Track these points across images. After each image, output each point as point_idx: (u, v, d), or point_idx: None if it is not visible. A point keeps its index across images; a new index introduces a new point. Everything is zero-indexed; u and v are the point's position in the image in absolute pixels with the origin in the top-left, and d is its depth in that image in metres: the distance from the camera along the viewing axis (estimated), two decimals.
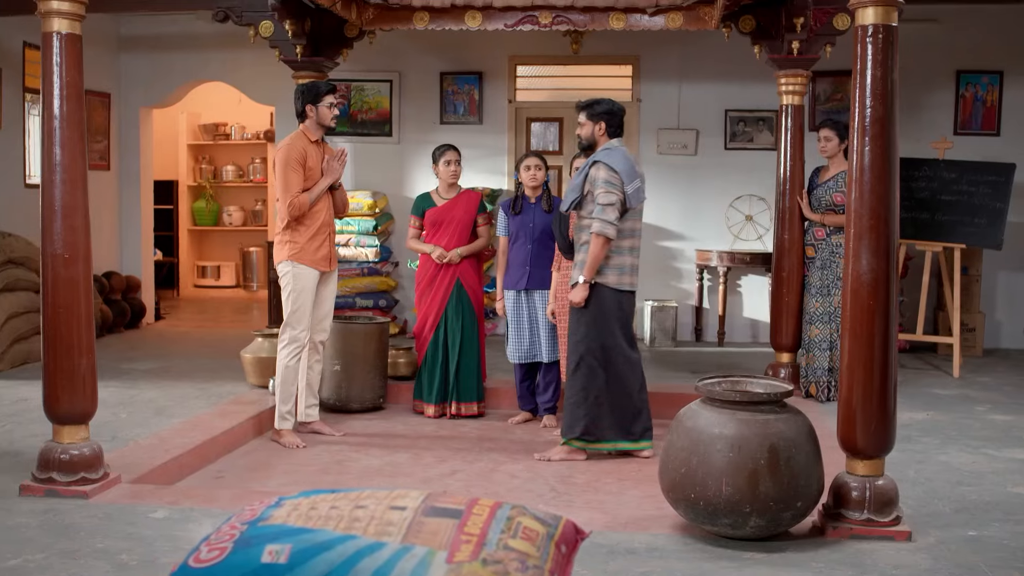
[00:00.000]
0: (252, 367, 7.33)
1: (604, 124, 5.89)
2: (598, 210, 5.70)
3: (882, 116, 4.19)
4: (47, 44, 4.62)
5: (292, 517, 1.92)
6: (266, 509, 2.01)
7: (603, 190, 5.70)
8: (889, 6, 4.17)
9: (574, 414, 5.90)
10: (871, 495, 4.25)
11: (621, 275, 5.86)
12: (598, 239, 5.70)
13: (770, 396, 4.19)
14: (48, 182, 4.65)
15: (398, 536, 1.84)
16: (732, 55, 9.60)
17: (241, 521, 1.97)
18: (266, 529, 1.90)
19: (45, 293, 4.70)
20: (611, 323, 5.87)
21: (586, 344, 5.84)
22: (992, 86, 9.54)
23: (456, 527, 1.88)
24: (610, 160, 5.75)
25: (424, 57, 10.16)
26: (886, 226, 4.21)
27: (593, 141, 5.94)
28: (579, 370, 5.87)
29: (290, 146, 6.24)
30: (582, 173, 5.88)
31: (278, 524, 1.91)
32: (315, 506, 1.96)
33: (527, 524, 1.97)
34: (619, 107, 5.97)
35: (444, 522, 1.89)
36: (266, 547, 1.84)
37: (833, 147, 7.16)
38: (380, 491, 2.05)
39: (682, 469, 4.18)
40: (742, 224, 9.95)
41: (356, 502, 1.96)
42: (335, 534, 1.84)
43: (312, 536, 1.84)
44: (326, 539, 1.83)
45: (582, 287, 5.79)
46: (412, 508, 1.92)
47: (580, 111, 5.97)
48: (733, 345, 9.81)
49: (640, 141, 10.00)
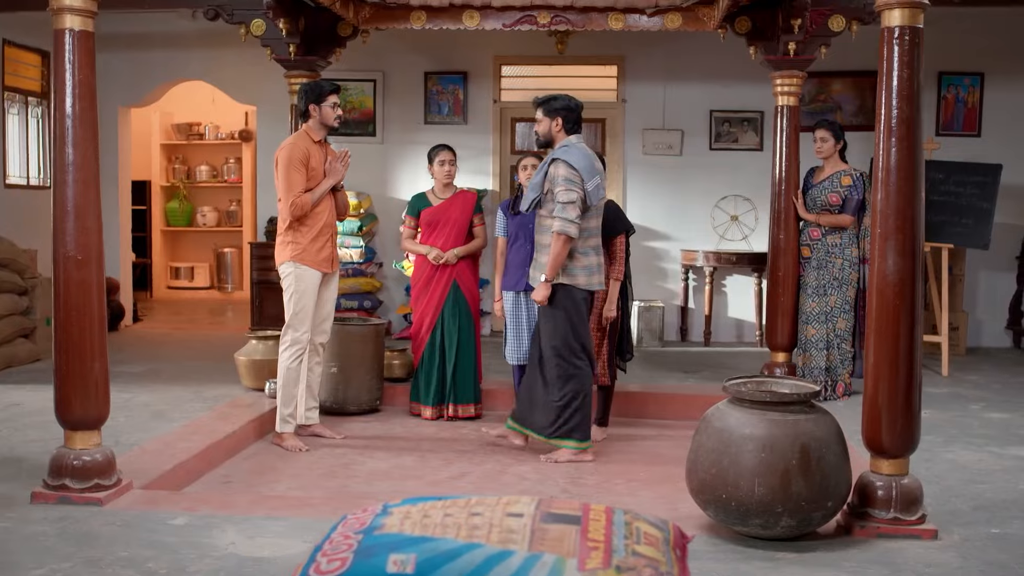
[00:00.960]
0: (247, 369, 7.24)
1: (561, 120, 5.87)
2: (558, 208, 5.68)
3: (908, 117, 4.23)
4: (59, 42, 4.53)
5: (407, 525, 1.88)
6: (375, 517, 1.96)
7: (563, 188, 5.68)
8: (915, 8, 4.22)
9: (569, 415, 5.88)
10: (897, 494, 4.27)
11: (590, 275, 5.87)
12: (560, 238, 5.68)
13: (800, 396, 4.20)
14: (60, 182, 4.55)
15: (523, 544, 1.80)
16: (717, 56, 9.63)
17: (353, 530, 1.93)
18: (384, 538, 1.85)
19: (57, 295, 4.59)
20: (586, 323, 5.93)
21: (569, 345, 5.83)
22: (973, 88, 9.67)
23: (579, 533, 1.85)
24: (569, 157, 5.73)
25: (408, 56, 10.11)
26: (912, 226, 4.23)
27: (551, 138, 5.93)
28: (566, 371, 5.84)
29: (293, 146, 6.17)
30: (541, 171, 5.86)
31: (394, 533, 1.87)
32: (427, 513, 1.92)
33: (646, 529, 1.95)
34: (576, 103, 5.94)
35: (566, 528, 1.86)
36: (389, 557, 1.80)
37: (829, 148, 7.20)
38: (488, 497, 2.01)
39: (713, 470, 4.17)
40: (727, 224, 9.99)
41: (469, 509, 1.92)
42: (458, 542, 1.81)
43: (435, 545, 1.81)
44: (451, 548, 1.79)
45: (545, 286, 5.78)
46: (529, 514, 1.89)
47: (537, 107, 5.96)
48: (719, 345, 9.86)
49: (625, 141, 10.03)
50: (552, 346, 5.87)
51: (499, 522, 1.88)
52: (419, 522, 1.91)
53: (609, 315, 6.30)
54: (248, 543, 4.13)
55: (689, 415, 7.22)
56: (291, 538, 4.19)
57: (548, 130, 5.92)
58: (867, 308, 4.37)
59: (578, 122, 5.93)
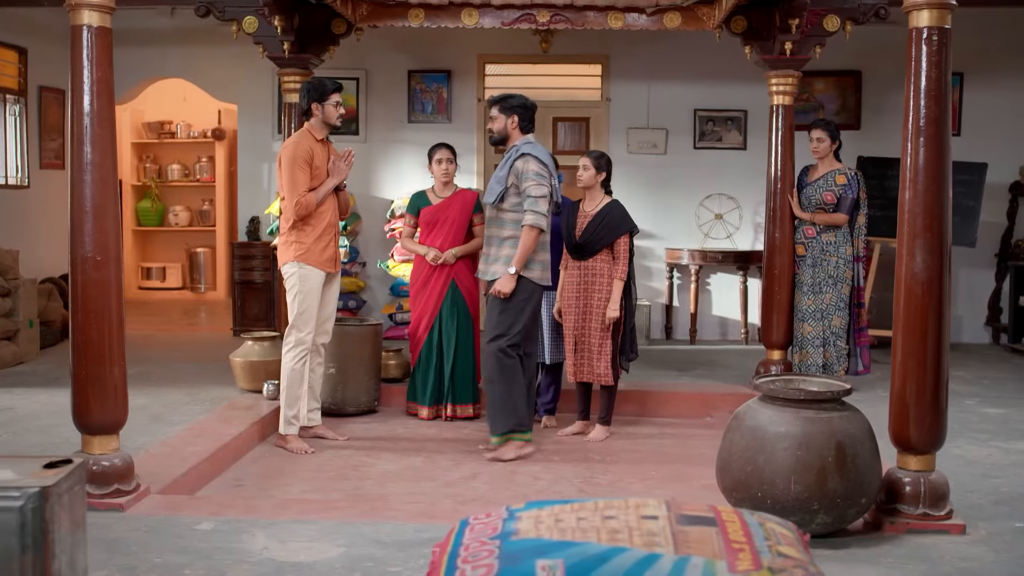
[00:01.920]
0: (242, 371, 7.15)
1: (517, 118, 5.93)
2: (530, 202, 5.73)
3: (937, 117, 4.26)
4: (76, 38, 4.44)
5: (543, 530, 1.86)
6: (504, 522, 1.94)
7: (534, 182, 5.74)
8: (944, 8, 4.25)
9: (506, 407, 5.88)
10: (925, 489, 4.32)
11: (544, 270, 5.95)
12: (532, 231, 5.75)
13: (833, 394, 4.23)
14: (78, 181, 4.46)
15: (668, 546, 1.79)
16: (701, 55, 9.71)
17: (486, 536, 1.90)
18: (524, 543, 1.83)
19: (74, 298, 4.50)
20: (536, 316, 5.99)
21: (517, 336, 5.86)
22: (953, 87, 9.76)
23: (720, 535, 1.84)
24: (537, 153, 5.82)
25: (391, 55, 10.04)
26: (940, 225, 4.28)
27: (506, 135, 5.99)
28: (502, 363, 5.86)
29: (297, 144, 6.10)
30: (506, 166, 5.90)
31: (532, 538, 1.84)
32: (559, 517, 1.90)
33: (779, 530, 1.94)
34: (531, 103, 6.04)
35: (705, 530, 1.85)
36: (537, 562, 1.77)
37: (825, 147, 7.26)
38: (614, 500, 2.00)
39: (748, 468, 4.19)
40: (711, 223, 10.04)
41: (601, 512, 1.90)
42: (603, 546, 1.79)
43: (580, 549, 1.78)
44: (597, 552, 1.77)
45: (510, 278, 5.81)
46: (663, 516, 1.88)
47: (492, 105, 6.03)
48: (703, 343, 9.90)
49: (610, 140, 10.04)
50: (495, 336, 5.88)
51: (636, 525, 1.87)
52: (554, 526, 1.88)
53: (612, 315, 6.29)
54: (281, 548, 4.07)
55: (688, 414, 7.29)
56: (324, 542, 4.14)
57: (504, 127, 5.98)
58: (895, 306, 4.40)
59: (532, 121, 6.01)
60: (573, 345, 6.47)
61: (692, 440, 6.63)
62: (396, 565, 3.91)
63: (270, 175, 10.34)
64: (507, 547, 1.84)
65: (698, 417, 7.27)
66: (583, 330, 6.43)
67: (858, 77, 9.91)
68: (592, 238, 6.37)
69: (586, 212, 6.45)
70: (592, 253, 6.39)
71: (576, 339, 6.45)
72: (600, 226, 6.35)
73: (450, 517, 4.57)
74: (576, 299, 6.42)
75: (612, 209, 6.40)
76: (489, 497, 5.22)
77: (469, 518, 2.06)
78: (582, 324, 6.44)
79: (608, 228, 6.34)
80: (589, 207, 6.46)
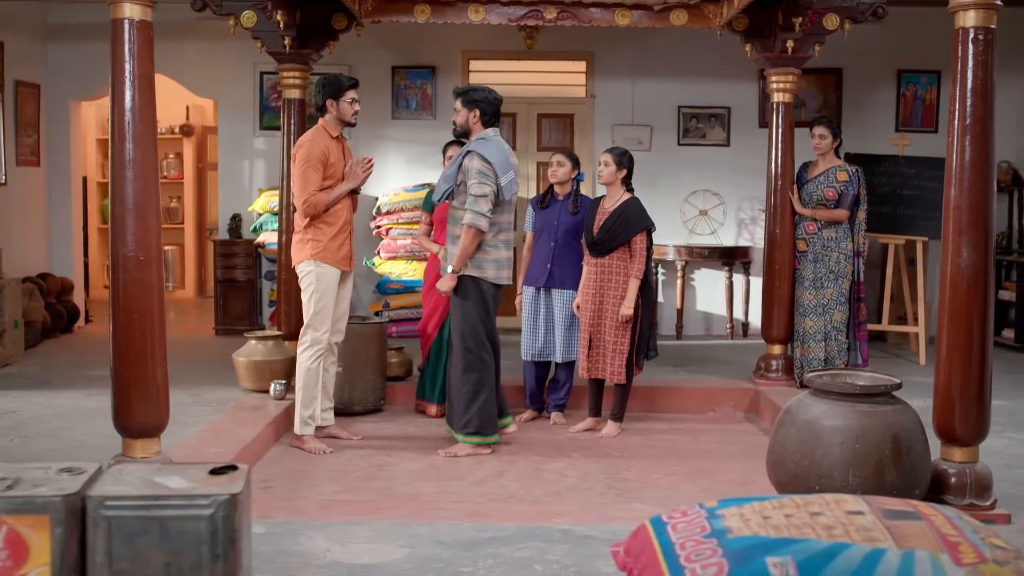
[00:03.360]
0: (247, 371, 7.03)
1: (479, 112, 5.89)
2: (470, 201, 5.72)
3: (983, 115, 4.34)
4: (117, 32, 4.36)
5: (754, 527, 1.86)
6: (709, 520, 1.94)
7: (476, 181, 5.72)
8: (989, 8, 4.31)
9: (469, 409, 5.89)
10: (971, 481, 4.41)
11: (499, 269, 5.93)
12: (470, 231, 5.73)
13: (887, 387, 4.29)
14: (119, 178, 4.37)
15: (888, 541, 1.81)
16: (685, 52, 9.80)
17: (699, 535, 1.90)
18: (746, 541, 1.83)
19: (115, 297, 4.41)
20: (493, 316, 5.98)
21: (475, 338, 5.86)
22: (931, 85, 10.00)
23: (931, 529, 1.86)
24: (484, 151, 5.78)
25: (375, 50, 9.96)
26: (985, 221, 4.36)
27: (468, 128, 5.95)
28: (470, 362, 5.87)
29: (312, 142, 6.02)
30: (456, 163, 5.90)
31: (750, 535, 1.85)
32: (765, 514, 1.90)
33: (976, 523, 1.97)
34: (495, 96, 5.97)
35: (915, 524, 1.87)
36: (766, 559, 1.78)
37: (827, 144, 7.34)
38: (808, 496, 2.01)
39: (805, 462, 4.23)
40: (696, 219, 10.12)
41: (805, 509, 1.91)
42: (826, 543, 1.80)
43: (804, 546, 1.79)
44: (822, 548, 1.78)
45: (450, 277, 5.83)
46: (867, 511, 1.90)
47: (456, 97, 5.99)
48: (689, 338, 9.98)
49: (595, 137, 10.07)
50: (460, 336, 5.90)
51: (846, 520, 1.88)
52: (765, 524, 1.89)
53: (627, 313, 6.30)
54: (343, 550, 4.03)
55: (692, 409, 7.34)
56: (384, 543, 4.11)
57: (466, 121, 5.93)
58: (940, 301, 4.49)
59: (496, 115, 5.97)
60: (588, 341, 6.47)
61: (703, 435, 6.68)
62: (466, 565, 3.89)
63: (251, 172, 10.20)
64: (728, 545, 1.84)
65: (701, 412, 7.33)
66: (598, 327, 6.44)
67: (839, 75, 10.05)
68: (609, 235, 6.37)
69: (605, 209, 6.46)
70: (609, 250, 6.39)
71: (591, 336, 6.46)
72: (617, 223, 6.35)
73: (501, 516, 4.57)
74: (592, 296, 6.43)
75: (630, 206, 6.40)
76: (523, 495, 5.21)
77: (661, 516, 2.06)
78: (597, 321, 6.44)
79: (625, 225, 6.35)
80: (608, 204, 6.46)
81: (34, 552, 1.96)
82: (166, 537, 2.02)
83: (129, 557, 2.01)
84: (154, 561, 2.01)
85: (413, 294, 9.28)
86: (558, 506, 4.96)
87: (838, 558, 1.77)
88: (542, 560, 3.98)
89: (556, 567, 3.91)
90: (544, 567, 3.91)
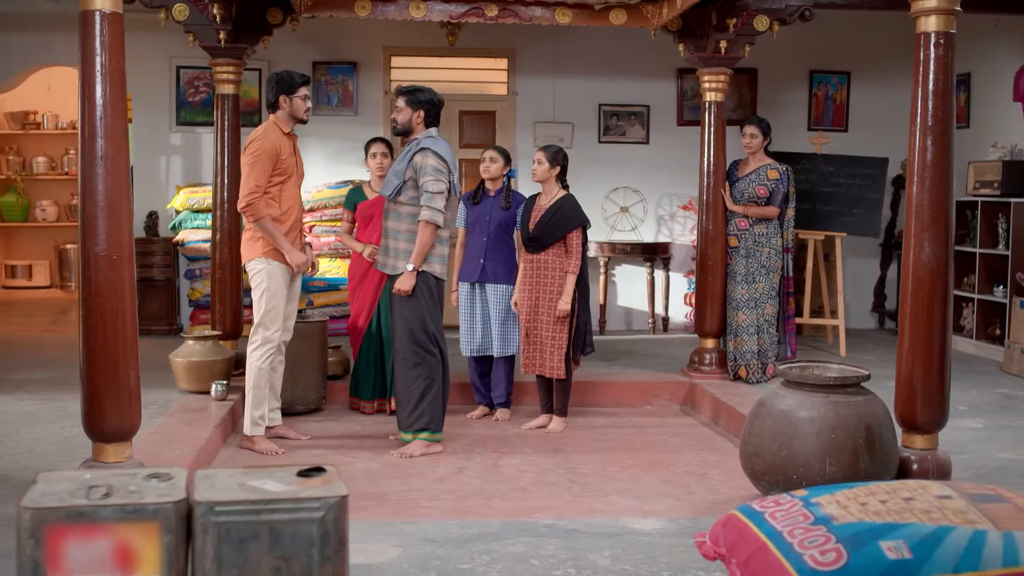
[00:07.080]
0: (184, 372, 6.87)
1: (423, 113, 5.96)
2: (427, 197, 5.77)
3: (943, 117, 4.53)
4: (87, 24, 4.22)
5: (856, 513, 1.93)
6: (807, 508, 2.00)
7: (432, 177, 5.77)
8: (950, 15, 4.51)
9: (419, 404, 5.89)
10: (933, 466, 4.60)
11: (443, 264, 6.00)
12: (428, 227, 5.78)
13: (857, 379, 4.45)
14: (90, 175, 4.23)
15: (986, 523, 1.90)
16: (604, 50, 9.93)
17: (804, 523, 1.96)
18: (855, 527, 1.90)
19: (87, 297, 4.27)
20: (438, 311, 6.01)
21: (424, 333, 5.89)
22: (841, 85, 10.36)
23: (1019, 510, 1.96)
24: (438, 148, 5.86)
25: (295, 46, 9.80)
26: (946, 218, 4.56)
27: (410, 128, 6.00)
28: (420, 358, 5.88)
29: (264, 137, 5.93)
30: (404, 159, 5.93)
31: (855, 522, 1.91)
32: (862, 501, 1.98)
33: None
34: (440, 99, 6.07)
35: (1004, 507, 1.97)
36: (880, 543, 1.85)
37: (757, 143, 7.55)
38: (893, 483, 2.09)
39: (783, 452, 4.36)
40: (617, 215, 10.27)
41: (897, 494, 1.99)
42: (931, 526, 1.88)
43: (912, 530, 1.87)
44: (930, 531, 1.86)
45: (410, 275, 5.83)
46: (957, 496, 1.99)
47: (400, 95, 6.02)
48: (611, 333, 10.11)
49: (516, 134, 10.13)
50: (408, 332, 5.90)
51: (939, 504, 1.97)
52: (864, 509, 1.97)
53: (564, 308, 6.38)
54: None
55: (628, 402, 7.47)
56: (374, 543, 4.11)
57: (408, 120, 5.97)
58: (902, 294, 4.67)
59: (438, 117, 6.04)
60: (525, 336, 6.54)
61: (646, 429, 6.81)
62: (464, 562, 3.90)
63: (168, 168, 9.95)
64: (844, 533, 1.91)
65: (638, 406, 7.47)
66: (535, 323, 6.52)
67: (754, 75, 10.31)
68: (545, 232, 6.45)
69: (541, 206, 6.54)
70: (545, 246, 6.47)
71: (528, 331, 6.54)
72: (553, 220, 6.44)
73: (484, 513, 4.60)
74: (529, 292, 6.51)
75: (565, 203, 6.50)
76: (488, 491, 5.22)
77: (751, 505, 2.12)
78: (534, 316, 6.52)
79: (560, 222, 6.43)
80: (544, 201, 6.55)
81: (142, 561, 1.89)
82: (277, 541, 1.98)
83: (239, 563, 1.97)
84: (264, 566, 1.97)
85: (338, 292, 9.18)
86: (533, 501, 5.00)
87: (946, 540, 1.86)
88: (537, 555, 4.01)
89: (552, 561, 3.95)
90: (541, 561, 3.95)
